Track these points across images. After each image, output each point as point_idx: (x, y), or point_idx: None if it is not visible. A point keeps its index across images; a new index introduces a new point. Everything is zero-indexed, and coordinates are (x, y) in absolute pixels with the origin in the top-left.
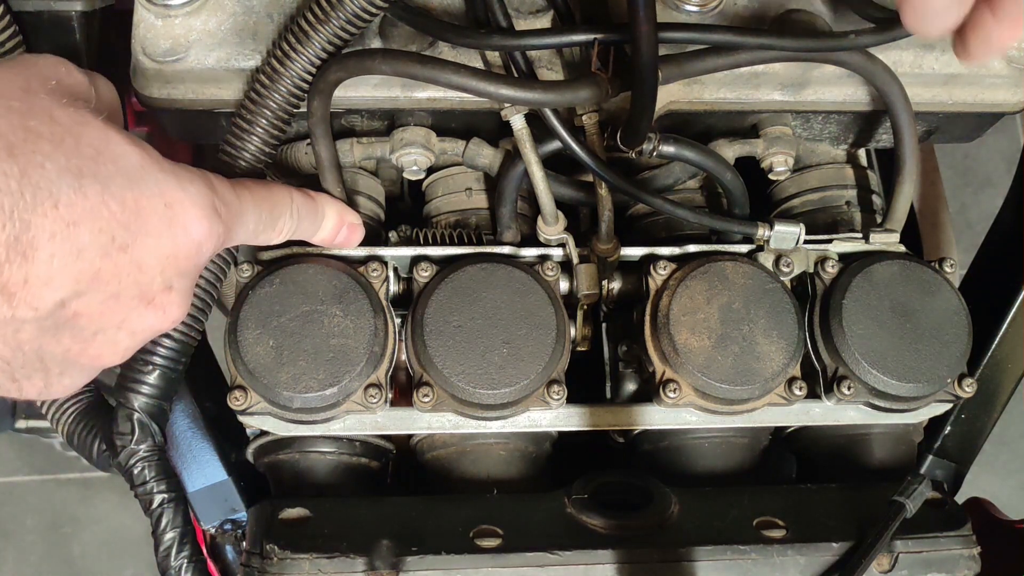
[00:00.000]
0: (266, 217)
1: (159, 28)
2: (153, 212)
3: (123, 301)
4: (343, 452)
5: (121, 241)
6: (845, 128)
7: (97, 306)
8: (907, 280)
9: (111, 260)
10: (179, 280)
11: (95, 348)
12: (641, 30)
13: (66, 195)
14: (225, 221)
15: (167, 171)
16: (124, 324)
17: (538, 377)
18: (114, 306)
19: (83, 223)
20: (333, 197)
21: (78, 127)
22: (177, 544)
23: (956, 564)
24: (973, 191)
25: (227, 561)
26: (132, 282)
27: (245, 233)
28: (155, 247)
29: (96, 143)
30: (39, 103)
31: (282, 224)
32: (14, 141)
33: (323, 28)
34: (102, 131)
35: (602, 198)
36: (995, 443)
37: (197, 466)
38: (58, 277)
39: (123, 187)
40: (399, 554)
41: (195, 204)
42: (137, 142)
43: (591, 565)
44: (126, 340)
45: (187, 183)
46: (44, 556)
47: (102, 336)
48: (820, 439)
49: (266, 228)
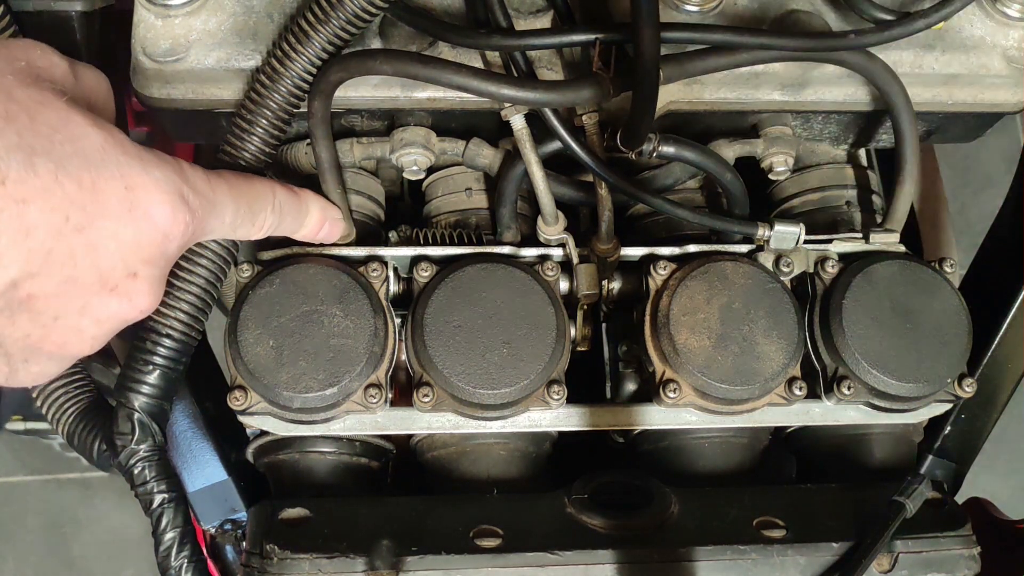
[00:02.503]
0: (244, 211)
1: (159, 28)
2: (112, 194)
3: (81, 285)
4: (343, 452)
5: (76, 222)
6: (845, 128)
7: (53, 289)
8: (907, 280)
9: (65, 241)
10: (144, 268)
11: (58, 335)
12: (643, 32)
13: (15, 172)
14: (195, 210)
15: (131, 155)
16: (86, 310)
17: (538, 377)
18: (71, 290)
19: (33, 201)
20: (316, 193)
21: (36, 106)
22: (177, 544)
23: (956, 564)
24: (973, 191)
25: (227, 561)
26: (89, 265)
27: (221, 225)
28: (114, 231)
29: (54, 122)
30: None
31: (263, 219)
32: None
33: (323, 28)
34: (62, 111)
35: (602, 198)
36: (995, 443)
37: (197, 466)
38: (6, 255)
39: (80, 167)
40: (399, 554)
41: (159, 189)
42: (102, 125)
43: (591, 565)
44: (91, 328)
45: (153, 167)
46: (44, 556)
47: (63, 322)
48: (820, 439)
49: (244, 222)
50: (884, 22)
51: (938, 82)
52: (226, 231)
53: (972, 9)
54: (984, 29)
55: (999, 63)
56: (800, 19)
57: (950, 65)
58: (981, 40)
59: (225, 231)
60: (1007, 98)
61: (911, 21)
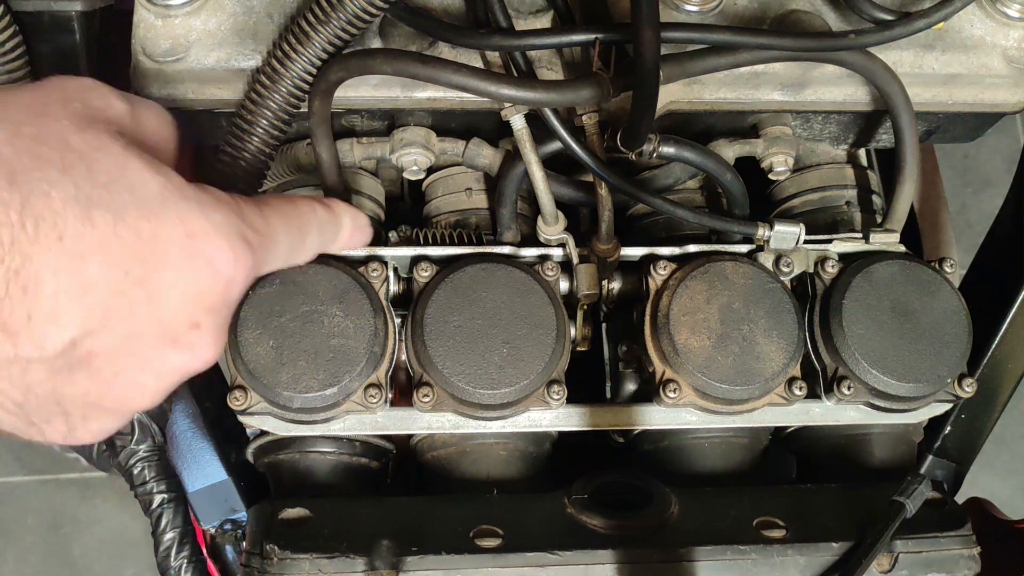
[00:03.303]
0: (296, 238)
1: (159, 28)
2: (172, 243)
3: (142, 340)
4: (343, 452)
5: (136, 275)
6: (845, 128)
7: (113, 345)
8: (907, 280)
9: (124, 296)
10: (207, 317)
11: (118, 391)
12: (644, 33)
13: (72, 226)
14: (256, 250)
15: (190, 199)
16: (147, 365)
17: (538, 377)
18: (132, 345)
19: (92, 256)
20: (344, 202)
21: (93, 152)
22: (177, 544)
23: (956, 564)
24: (973, 191)
25: (227, 561)
26: (150, 319)
27: (277, 259)
28: (175, 281)
29: (111, 170)
30: (53, 127)
31: (311, 242)
32: (18, 168)
33: (324, 28)
34: (120, 157)
35: (602, 198)
36: (995, 443)
37: (197, 466)
38: (65, 314)
39: (139, 217)
40: (399, 554)
41: (220, 234)
42: (159, 168)
43: (591, 565)
44: (152, 382)
45: (211, 210)
46: (44, 556)
47: (124, 378)
48: (820, 439)
49: (296, 249)
50: (884, 22)
51: (938, 82)
52: (281, 262)
53: (972, 9)
54: (984, 29)
55: (999, 63)
56: (800, 19)
57: (950, 65)
58: (981, 40)
59: (280, 262)
60: (1007, 98)
61: (911, 21)
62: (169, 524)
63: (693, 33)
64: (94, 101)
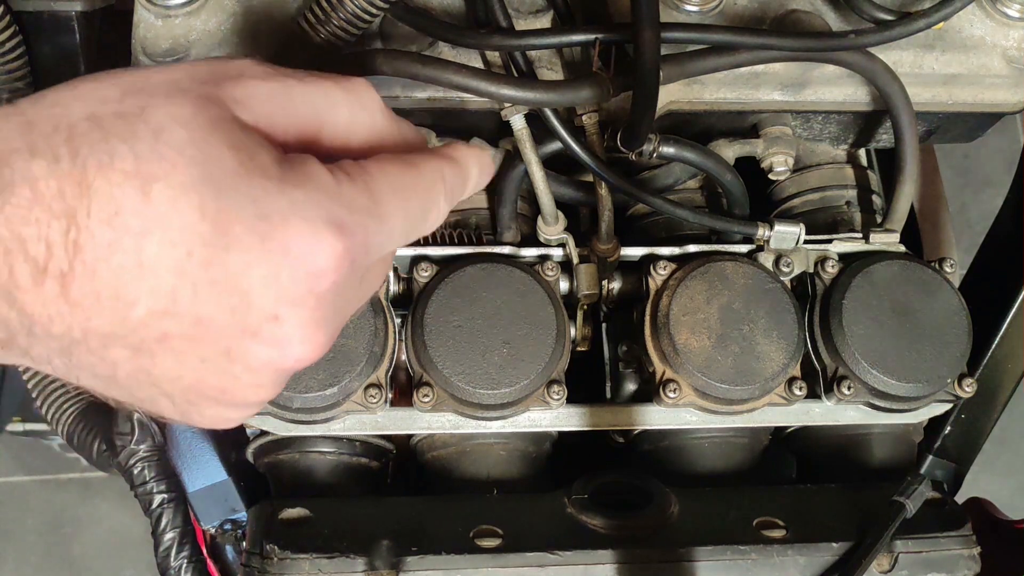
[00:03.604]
0: (416, 213)
1: (159, 28)
2: (241, 224)
3: (216, 328)
4: (343, 452)
5: (201, 257)
6: (845, 128)
7: (185, 329)
8: (907, 280)
9: (188, 277)
10: (289, 310)
11: (214, 379)
12: (644, 35)
13: (131, 201)
14: (354, 233)
15: (272, 176)
16: (232, 356)
17: (538, 377)
18: (206, 332)
19: (150, 234)
20: (465, 144)
21: (172, 125)
22: (177, 544)
23: (956, 564)
24: (973, 191)
25: (227, 561)
26: (220, 306)
27: (390, 240)
28: (246, 267)
29: (185, 144)
30: (137, 101)
31: (435, 215)
32: (84, 142)
33: (324, 29)
34: (201, 131)
35: (602, 198)
36: (995, 443)
37: (197, 466)
38: (126, 292)
39: (204, 195)
40: (399, 554)
41: (300, 215)
42: (247, 147)
43: (591, 565)
44: (246, 375)
45: (293, 188)
46: (44, 556)
47: (213, 366)
48: (820, 439)
49: (416, 226)
50: (884, 22)
51: (938, 82)
52: (396, 242)
53: (972, 9)
54: (984, 29)
55: (999, 63)
56: (800, 19)
57: (950, 65)
58: (981, 40)
59: (395, 243)
60: (1007, 98)
61: (911, 21)
62: (169, 524)
63: (693, 33)
64: (222, 80)
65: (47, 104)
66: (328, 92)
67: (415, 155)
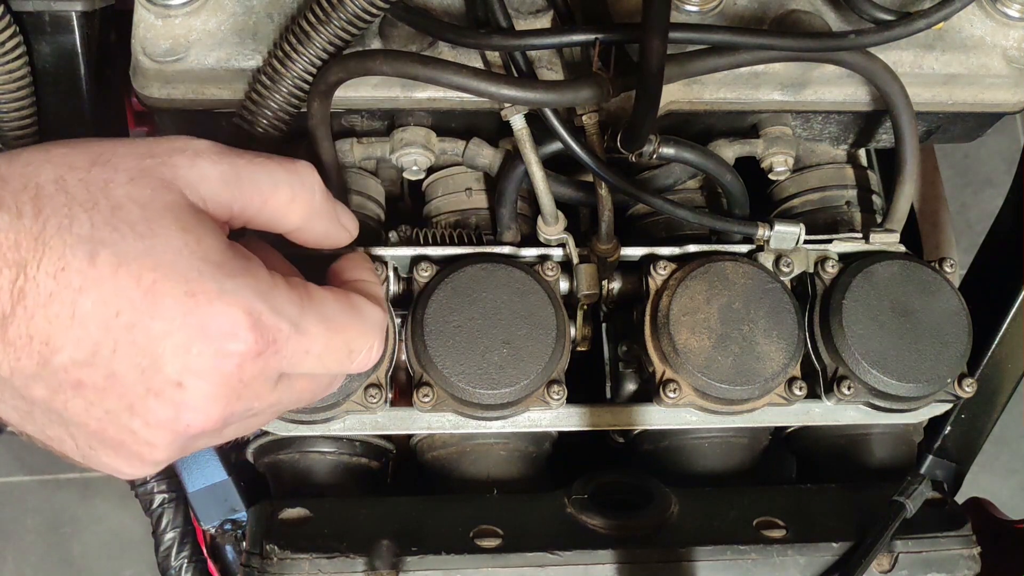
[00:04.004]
0: (340, 348)
1: (159, 28)
2: (171, 297)
3: (125, 383)
4: (343, 452)
5: (127, 320)
6: (845, 128)
7: (98, 380)
8: (907, 280)
9: (111, 335)
10: (193, 380)
11: (114, 431)
12: (652, 44)
13: (77, 261)
14: (267, 333)
15: (210, 262)
16: (135, 411)
17: (538, 377)
18: (116, 386)
19: (88, 291)
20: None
21: (128, 202)
22: (177, 544)
23: (956, 564)
24: (973, 191)
25: (227, 561)
26: (132, 365)
27: (306, 357)
28: (164, 334)
29: (138, 221)
30: (103, 174)
31: (363, 358)
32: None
33: (324, 29)
34: (155, 212)
35: (602, 198)
36: (995, 443)
37: (197, 466)
38: (56, 339)
39: (144, 267)
40: (399, 554)
41: (224, 300)
42: (194, 230)
43: (591, 565)
44: (144, 431)
45: (226, 278)
46: (44, 556)
47: (116, 420)
48: (820, 439)
49: (339, 360)
50: (884, 22)
51: (938, 82)
52: (314, 365)
53: (972, 9)
54: (984, 29)
55: (999, 63)
56: (800, 19)
57: (950, 65)
58: (981, 40)
59: (313, 366)
60: (1007, 98)
61: (911, 21)
62: (170, 524)
63: (693, 33)
64: (178, 161)
65: (21, 163)
66: (272, 172)
67: (361, 300)
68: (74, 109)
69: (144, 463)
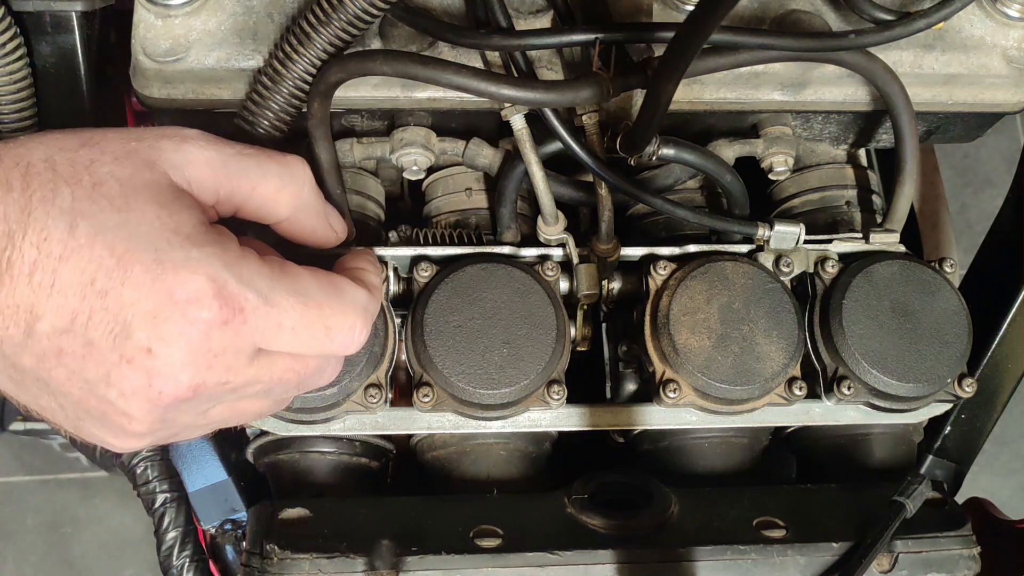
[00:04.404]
0: (316, 325)
1: (159, 28)
2: (141, 265)
3: (100, 351)
4: (343, 452)
5: (100, 286)
6: (845, 128)
7: (77, 348)
8: (907, 280)
9: (87, 302)
10: (161, 346)
11: (95, 402)
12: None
13: (58, 231)
14: (235, 300)
15: (181, 234)
16: (111, 381)
17: (538, 377)
18: (92, 353)
19: (67, 259)
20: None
21: (110, 180)
22: (179, 543)
23: (956, 564)
24: (973, 191)
25: (227, 561)
26: (106, 332)
27: (279, 332)
28: (134, 301)
29: (116, 196)
30: (88, 154)
31: (345, 336)
32: (37, 181)
33: (324, 29)
34: (134, 189)
35: (602, 198)
36: (995, 443)
37: (197, 466)
38: (39, 306)
39: (119, 238)
40: (399, 554)
41: (189, 268)
42: (169, 206)
43: (591, 565)
44: (120, 401)
45: (194, 246)
46: (44, 556)
47: (96, 390)
48: (820, 439)
49: (315, 337)
50: (884, 22)
51: (938, 82)
52: (287, 342)
53: (972, 9)
54: (984, 29)
55: (999, 63)
56: (800, 19)
57: (950, 65)
58: (981, 40)
59: (286, 342)
60: (1007, 98)
61: (911, 21)
62: (171, 523)
63: None
64: (164, 144)
65: (16, 144)
66: (261, 163)
67: (344, 281)
68: (74, 109)
69: (128, 435)
